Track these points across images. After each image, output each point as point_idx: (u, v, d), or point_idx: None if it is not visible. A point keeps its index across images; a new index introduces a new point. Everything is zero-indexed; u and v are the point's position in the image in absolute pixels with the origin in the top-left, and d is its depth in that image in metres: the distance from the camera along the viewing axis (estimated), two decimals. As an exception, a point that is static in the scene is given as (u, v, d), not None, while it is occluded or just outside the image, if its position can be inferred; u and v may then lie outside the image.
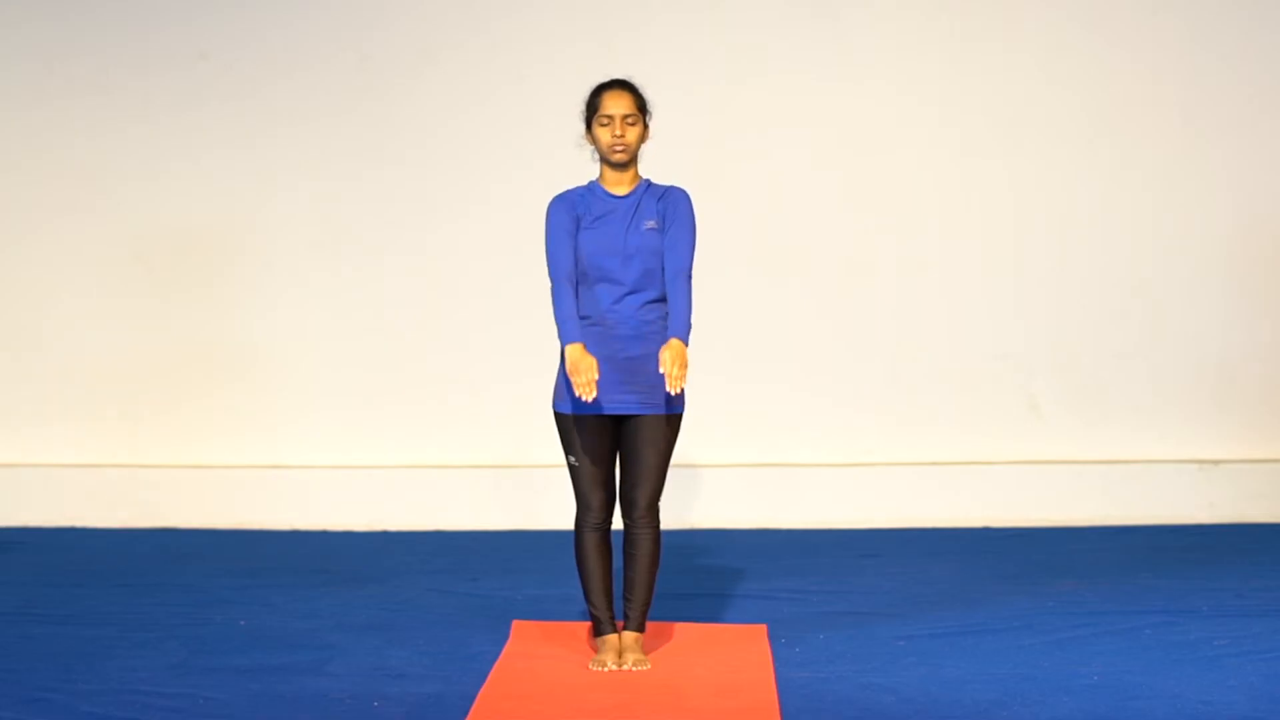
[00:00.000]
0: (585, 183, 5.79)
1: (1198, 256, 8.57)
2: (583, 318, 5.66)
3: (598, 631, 5.78)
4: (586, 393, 5.46)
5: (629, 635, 5.76)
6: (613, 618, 5.78)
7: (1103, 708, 5.22)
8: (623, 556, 5.78)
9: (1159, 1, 8.53)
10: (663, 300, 5.69)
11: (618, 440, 5.72)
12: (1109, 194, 8.56)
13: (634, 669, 5.68)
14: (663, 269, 5.68)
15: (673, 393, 5.49)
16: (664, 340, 5.62)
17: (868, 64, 8.54)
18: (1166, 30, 8.53)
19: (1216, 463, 8.55)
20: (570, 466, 5.71)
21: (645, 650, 5.81)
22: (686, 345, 5.52)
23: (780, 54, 8.54)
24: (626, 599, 5.76)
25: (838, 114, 8.56)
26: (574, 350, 5.54)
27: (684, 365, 5.46)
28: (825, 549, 7.98)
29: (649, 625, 6.23)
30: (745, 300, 8.54)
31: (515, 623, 6.34)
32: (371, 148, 8.57)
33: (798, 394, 8.58)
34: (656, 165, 6.32)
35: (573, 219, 5.67)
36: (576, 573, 5.84)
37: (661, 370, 5.48)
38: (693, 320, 5.68)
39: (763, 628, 6.27)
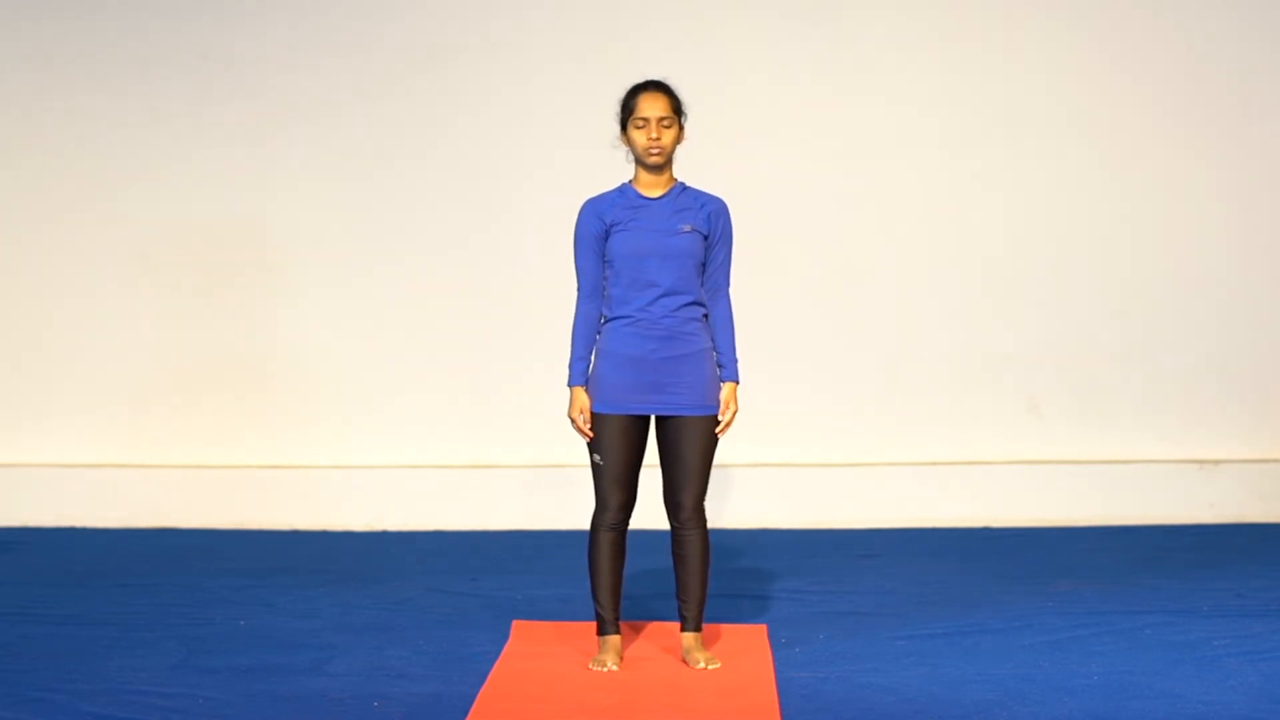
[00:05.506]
0: (616, 185, 5.75)
1: (1197, 256, 8.57)
2: (619, 317, 5.66)
3: (601, 631, 5.77)
4: (584, 435, 5.67)
5: (690, 636, 5.77)
6: (617, 619, 5.77)
7: (1103, 708, 5.22)
8: (672, 559, 5.76)
9: (1157, 4, 8.53)
10: (699, 304, 5.71)
11: (645, 443, 5.72)
12: (1108, 194, 8.56)
13: (707, 667, 5.69)
14: (700, 277, 5.71)
15: (720, 436, 5.72)
16: (700, 341, 5.69)
17: (867, 65, 8.55)
18: (1165, 32, 8.53)
19: (1216, 463, 8.55)
20: (593, 465, 5.70)
21: (651, 649, 5.80)
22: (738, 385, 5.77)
23: (780, 55, 8.54)
24: (682, 600, 5.75)
25: (838, 115, 8.56)
26: (575, 395, 5.68)
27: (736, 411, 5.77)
28: (825, 549, 7.98)
29: (655, 625, 6.25)
30: (744, 301, 8.49)
31: (515, 623, 6.34)
32: (374, 149, 8.57)
33: (797, 394, 8.58)
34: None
35: (601, 228, 5.66)
36: (587, 571, 5.80)
37: (721, 418, 5.70)
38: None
39: (763, 628, 6.27)
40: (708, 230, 5.71)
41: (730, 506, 8.48)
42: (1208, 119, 8.54)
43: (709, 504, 5.93)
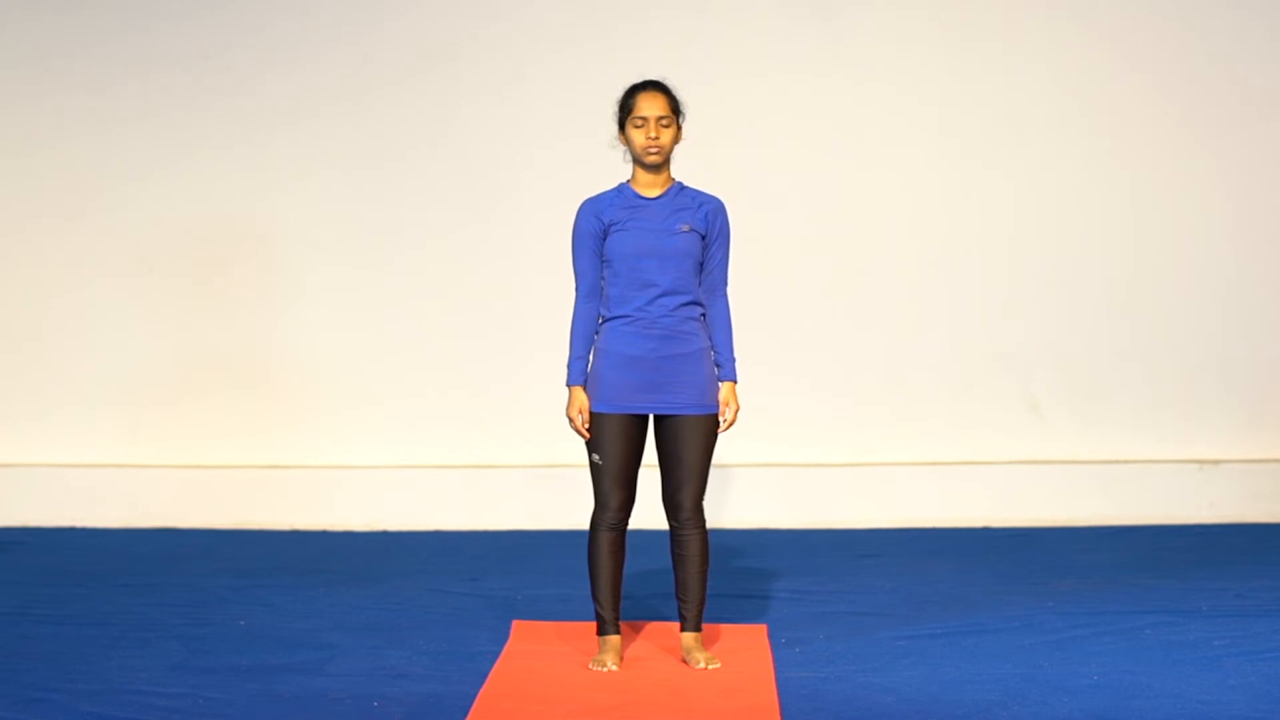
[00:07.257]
0: (615, 185, 5.75)
1: (1197, 256, 8.57)
2: (618, 317, 5.66)
3: (601, 631, 5.77)
4: (583, 435, 5.67)
5: (689, 636, 5.77)
6: (617, 619, 5.76)
7: (1103, 708, 5.22)
8: (671, 559, 5.76)
9: (1157, 2, 8.53)
10: (697, 303, 5.71)
11: (644, 442, 5.72)
12: (1109, 193, 8.57)
13: (707, 667, 5.69)
14: (698, 277, 5.70)
15: (721, 433, 5.73)
16: (698, 341, 5.68)
17: (867, 64, 8.55)
18: (1166, 30, 8.53)
19: (1216, 463, 8.55)
20: (592, 464, 5.70)
21: (651, 649, 5.80)
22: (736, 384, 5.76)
23: (779, 53, 8.54)
24: (682, 600, 5.75)
25: (837, 114, 8.56)
26: (574, 394, 5.67)
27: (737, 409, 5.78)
28: (825, 549, 7.98)
29: (655, 625, 6.24)
30: (743, 300, 8.51)
31: (515, 623, 6.34)
32: (374, 147, 8.57)
33: (797, 394, 8.58)
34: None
35: (599, 228, 5.66)
36: (586, 571, 5.80)
37: (722, 418, 5.71)
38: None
39: (763, 628, 6.27)
40: (705, 229, 5.71)
41: (730, 506, 8.49)
42: (1210, 118, 8.54)
43: (709, 504, 5.95)
